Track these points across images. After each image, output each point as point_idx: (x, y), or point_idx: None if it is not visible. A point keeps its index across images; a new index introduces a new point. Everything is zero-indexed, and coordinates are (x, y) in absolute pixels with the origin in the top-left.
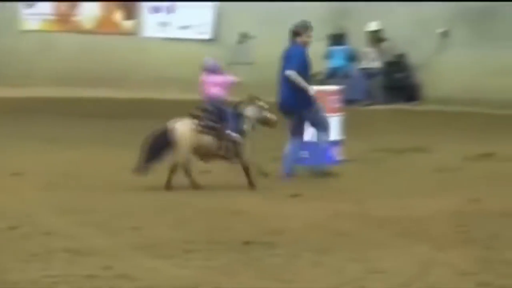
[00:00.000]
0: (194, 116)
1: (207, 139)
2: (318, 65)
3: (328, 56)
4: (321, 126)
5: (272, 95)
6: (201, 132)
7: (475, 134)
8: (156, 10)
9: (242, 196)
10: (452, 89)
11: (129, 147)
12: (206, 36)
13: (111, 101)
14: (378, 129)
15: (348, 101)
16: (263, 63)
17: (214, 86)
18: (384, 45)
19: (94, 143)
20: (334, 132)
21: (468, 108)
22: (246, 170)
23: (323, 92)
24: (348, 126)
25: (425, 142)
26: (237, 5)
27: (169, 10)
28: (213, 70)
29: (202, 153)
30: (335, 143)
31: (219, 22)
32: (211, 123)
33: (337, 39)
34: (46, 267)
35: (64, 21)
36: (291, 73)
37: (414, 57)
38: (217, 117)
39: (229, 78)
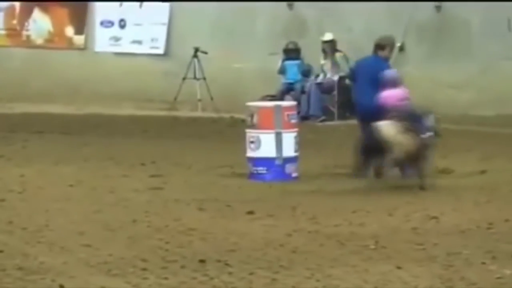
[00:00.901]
0: (392, 118)
1: (410, 140)
2: (274, 79)
3: (283, 71)
4: None
5: (230, 109)
6: (404, 132)
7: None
8: (108, 24)
9: (196, 213)
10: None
11: (81, 163)
12: (159, 51)
13: (62, 117)
14: (334, 145)
15: (304, 117)
16: (214, 78)
17: (396, 100)
18: (337, 56)
19: (45, 159)
20: (290, 149)
21: None
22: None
23: (279, 107)
24: (304, 143)
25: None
26: (190, 21)
27: (121, 25)
28: (393, 84)
29: (407, 153)
30: (291, 159)
31: (171, 37)
32: (409, 124)
33: (292, 53)
34: None
35: (14, 36)
36: None
37: None
38: (411, 120)
39: (406, 91)
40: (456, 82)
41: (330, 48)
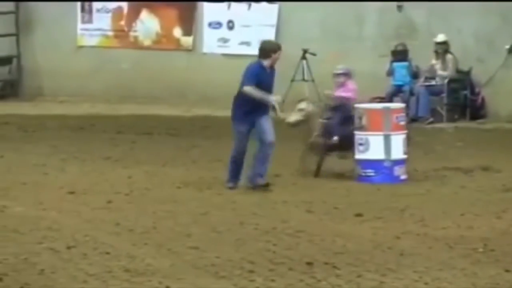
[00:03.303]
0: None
1: None
2: (382, 81)
3: (392, 72)
4: None
5: None
6: None
7: None
8: (217, 26)
9: (304, 215)
10: None
11: (189, 165)
12: None
13: (170, 119)
14: (443, 147)
15: (412, 119)
16: (323, 80)
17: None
18: (448, 57)
19: (153, 161)
20: (399, 151)
21: None
22: None
23: (388, 109)
24: (412, 145)
25: (491, 161)
26: (299, 22)
27: (230, 26)
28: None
29: None
30: (400, 161)
31: (280, 39)
32: None
33: (400, 55)
34: (104, 287)
35: (121, 37)
36: None
37: (479, 73)
38: None
39: None
40: None
41: (442, 49)
